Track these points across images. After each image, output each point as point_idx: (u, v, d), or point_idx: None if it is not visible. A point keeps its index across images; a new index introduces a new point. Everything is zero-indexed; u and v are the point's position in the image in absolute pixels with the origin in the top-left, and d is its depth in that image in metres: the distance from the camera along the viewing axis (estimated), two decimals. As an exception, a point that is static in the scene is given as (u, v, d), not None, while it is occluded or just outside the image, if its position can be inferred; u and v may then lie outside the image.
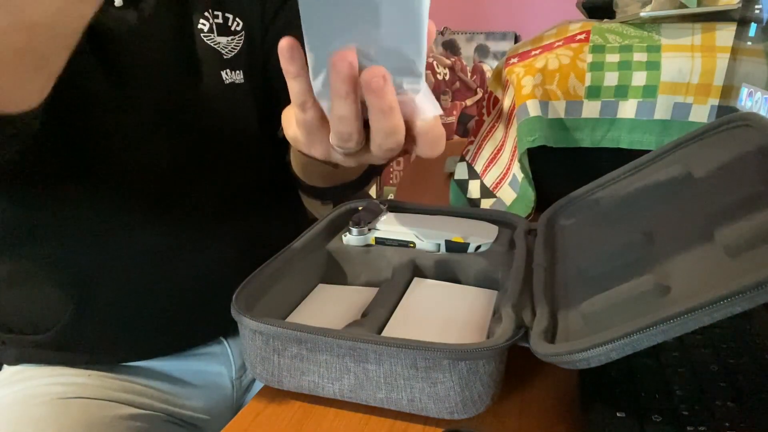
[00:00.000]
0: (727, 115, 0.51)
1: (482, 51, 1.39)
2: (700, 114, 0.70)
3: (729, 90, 0.67)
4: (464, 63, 1.41)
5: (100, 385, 0.65)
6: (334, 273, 0.59)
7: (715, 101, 0.69)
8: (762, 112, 0.59)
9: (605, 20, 0.82)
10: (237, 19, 0.67)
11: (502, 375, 0.44)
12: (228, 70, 0.66)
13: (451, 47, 1.42)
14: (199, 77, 0.64)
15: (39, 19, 0.37)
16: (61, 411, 0.60)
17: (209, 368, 0.73)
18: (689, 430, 0.39)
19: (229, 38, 0.67)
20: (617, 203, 0.54)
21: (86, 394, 0.63)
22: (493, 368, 0.42)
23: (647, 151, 0.57)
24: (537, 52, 0.81)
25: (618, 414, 0.40)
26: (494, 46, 1.38)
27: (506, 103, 0.82)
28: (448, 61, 1.43)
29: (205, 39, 0.65)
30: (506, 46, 1.36)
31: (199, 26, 0.64)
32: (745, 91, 0.63)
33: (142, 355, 0.69)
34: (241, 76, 0.68)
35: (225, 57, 0.66)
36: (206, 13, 0.65)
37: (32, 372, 0.65)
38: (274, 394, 0.47)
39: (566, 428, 0.43)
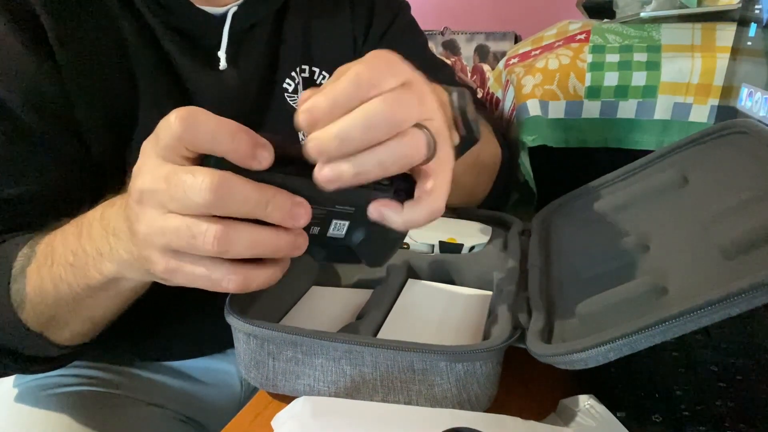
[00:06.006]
0: (724, 121, 0.51)
1: (482, 51, 1.39)
2: (700, 114, 0.70)
3: (729, 90, 0.66)
4: (464, 63, 1.41)
5: (110, 379, 0.65)
6: (328, 275, 0.59)
7: (715, 101, 0.69)
8: (762, 112, 0.59)
9: (605, 20, 0.82)
10: (324, 72, 0.67)
11: (500, 376, 0.43)
12: None
13: (451, 47, 1.41)
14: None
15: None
16: (71, 402, 0.60)
17: (220, 366, 0.72)
18: (689, 430, 0.39)
19: None
20: (613, 205, 0.54)
21: (96, 386, 0.63)
22: (490, 369, 0.41)
23: (647, 152, 0.57)
24: (537, 52, 0.81)
25: (618, 414, 0.40)
26: (494, 46, 1.38)
27: (507, 104, 0.82)
28: (448, 62, 1.42)
29: (288, 99, 0.64)
30: (506, 46, 1.36)
31: (284, 86, 0.64)
32: (745, 91, 0.63)
33: (154, 356, 0.69)
34: None
35: None
36: (293, 73, 0.65)
37: None
38: (274, 394, 0.47)
39: (564, 430, 0.42)
